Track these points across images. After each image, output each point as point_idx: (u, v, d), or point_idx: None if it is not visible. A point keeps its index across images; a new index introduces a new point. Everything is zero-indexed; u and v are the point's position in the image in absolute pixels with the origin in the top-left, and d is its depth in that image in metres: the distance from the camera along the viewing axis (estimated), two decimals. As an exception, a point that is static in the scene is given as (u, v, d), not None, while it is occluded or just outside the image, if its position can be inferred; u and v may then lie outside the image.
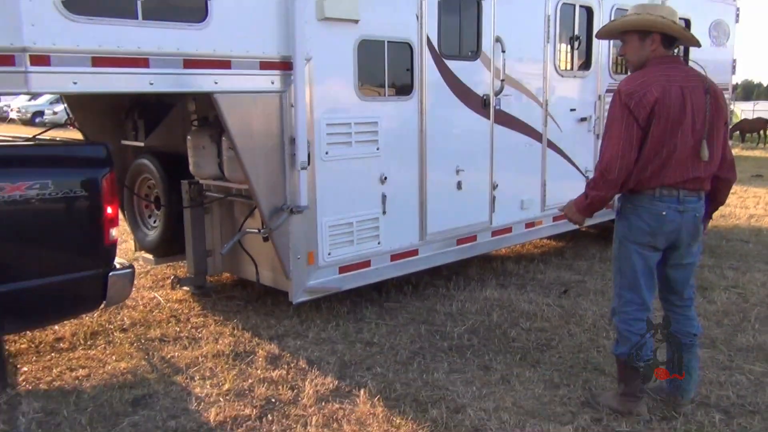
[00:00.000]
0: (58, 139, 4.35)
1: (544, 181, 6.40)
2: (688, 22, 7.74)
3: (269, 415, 3.51)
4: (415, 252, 5.37)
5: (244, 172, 4.26)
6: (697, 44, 3.52)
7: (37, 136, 4.41)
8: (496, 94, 5.72)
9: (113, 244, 3.77)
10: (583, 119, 6.72)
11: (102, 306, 3.90)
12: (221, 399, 3.69)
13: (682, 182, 3.30)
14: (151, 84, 3.74)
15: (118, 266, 3.82)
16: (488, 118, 5.72)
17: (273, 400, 3.70)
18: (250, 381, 3.91)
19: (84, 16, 3.44)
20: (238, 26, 4.05)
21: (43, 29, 3.32)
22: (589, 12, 6.55)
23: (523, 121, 6.06)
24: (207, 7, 3.90)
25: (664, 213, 3.32)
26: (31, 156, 3.63)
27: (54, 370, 4.05)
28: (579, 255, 7.00)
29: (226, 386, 3.83)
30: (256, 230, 4.54)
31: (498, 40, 5.62)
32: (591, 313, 5.11)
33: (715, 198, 3.54)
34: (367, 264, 5.03)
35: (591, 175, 6.78)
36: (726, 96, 8.80)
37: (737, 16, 8.95)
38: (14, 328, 3.85)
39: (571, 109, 6.59)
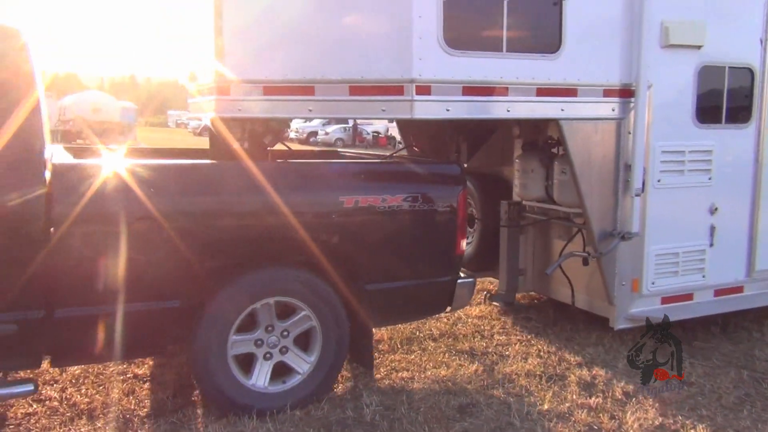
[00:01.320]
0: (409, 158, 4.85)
1: None
2: None
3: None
4: (740, 289, 5.07)
5: (579, 196, 4.38)
6: None
7: (393, 155, 4.97)
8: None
9: (461, 255, 4.10)
10: None
11: (447, 311, 4.26)
12: (543, 419, 3.74)
13: None
14: (508, 111, 4.05)
15: (462, 275, 4.15)
16: (832, 149, 5.20)
17: (595, 427, 3.68)
18: (567, 404, 3.92)
19: (460, 50, 3.85)
20: (587, 56, 4.21)
21: (428, 63, 3.78)
22: None
23: None
24: (561, 39, 4.11)
25: None
26: (404, 172, 4.12)
27: (381, 370, 4.35)
28: None
29: (545, 406, 3.88)
30: (586, 253, 4.62)
31: None
32: None
33: None
34: (689, 297, 4.87)
35: None
36: None
37: None
38: (382, 323, 4.37)
39: None
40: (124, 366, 4.29)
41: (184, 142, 27.99)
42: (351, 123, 33.36)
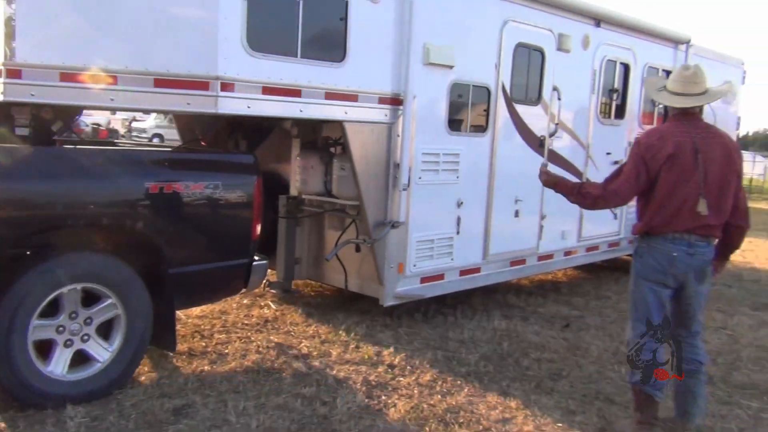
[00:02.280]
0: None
1: (581, 214, 7.19)
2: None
3: (307, 429, 3.69)
4: (478, 269, 6.10)
5: (357, 189, 4.98)
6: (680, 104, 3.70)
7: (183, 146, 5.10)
8: (550, 135, 6.53)
9: (257, 239, 4.44)
10: (616, 162, 7.51)
11: (242, 291, 4.56)
12: (259, 412, 3.81)
13: (692, 228, 3.59)
14: (301, 111, 4.50)
15: (257, 258, 4.49)
16: (543, 156, 6.49)
17: (308, 414, 3.86)
18: (283, 396, 4.04)
19: (261, 53, 4.20)
20: (366, 67, 4.83)
21: (232, 62, 4.07)
22: (626, 68, 7.44)
23: (569, 161, 6.87)
24: (345, 51, 4.67)
25: (674, 254, 3.62)
26: (206, 161, 4.34)
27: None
28: (574, 291, 7.32)
29: (262, 400, 3.97)
30: (362, 240, 5.24)
31: (555, 88, 6.44)
32: (595, 347, 5.39)
33: (730, 243, 3.82)
34: (441, 277, 5.75)
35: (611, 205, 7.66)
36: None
37: (743, 77, 9.97)
38: (184, 305, 4.49)
39: (608, 153, 7.42)
40: None
41: None
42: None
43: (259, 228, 4.45)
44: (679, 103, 3.69)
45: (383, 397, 4.17)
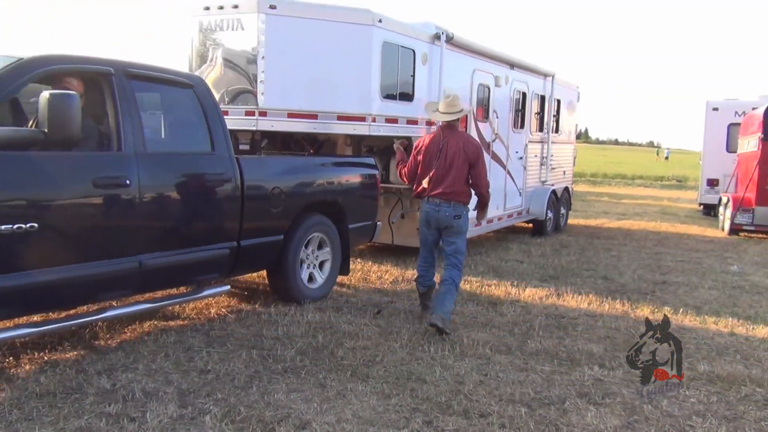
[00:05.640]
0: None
1: (505, 192, 10.83)
2: (559, 102, 12.87)
3: (114, 448, 3.42)
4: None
5: (415, 177, 8.14)
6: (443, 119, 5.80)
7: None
8: (492, 141, 10.07)
9: (378, 208, 7.44)
10: (520, 158, 11.31)
11: (369, 242, 7.57)
12: None
13: (437, 194, 5.53)
14: (397, 131, 7.61)
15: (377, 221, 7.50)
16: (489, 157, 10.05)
17: None
18: (86, 417, 3.72)
19: (386, 99, 7.28)
20: (420, 103, 8.01)
21: (375, 105, 7.12)
22: (524, 95, 11.23)
23: (500, 158, 10.45)
24: (413, 94, 7.86)
25: (428, 211, 5.63)
26: (358, 163, 7.32)
27: None
28: (383, 279, 7.69)
29: (60, 425, 3.63)
30: (417, 209, 8.38)
31: (494, 111, 10.02)
32: (405, 330, 5.56)
33: (480, 203, 5.93)
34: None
35: (523, 192, 11.46)
36: (571, 146, 14.11)
37: (578, 96, 14.38)
38: (352, 246, 7.35)
39: (516, 152, 11.15)
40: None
41: None
42: None
43: (379, 201, 7.45)
44: (443, 118, 5.85)
45: (198, 403, 3.96)
